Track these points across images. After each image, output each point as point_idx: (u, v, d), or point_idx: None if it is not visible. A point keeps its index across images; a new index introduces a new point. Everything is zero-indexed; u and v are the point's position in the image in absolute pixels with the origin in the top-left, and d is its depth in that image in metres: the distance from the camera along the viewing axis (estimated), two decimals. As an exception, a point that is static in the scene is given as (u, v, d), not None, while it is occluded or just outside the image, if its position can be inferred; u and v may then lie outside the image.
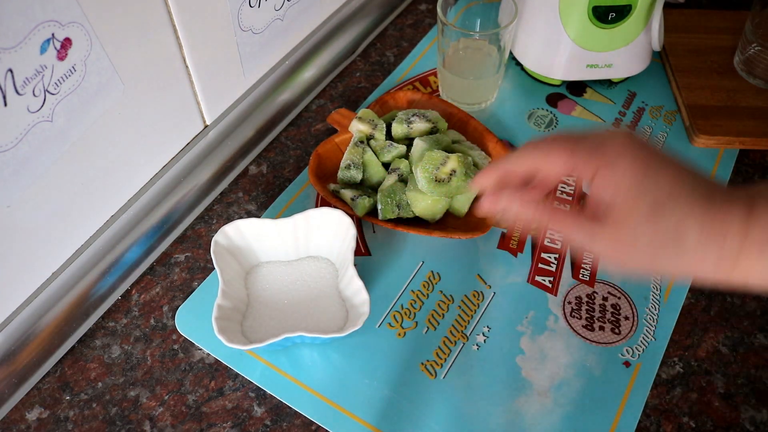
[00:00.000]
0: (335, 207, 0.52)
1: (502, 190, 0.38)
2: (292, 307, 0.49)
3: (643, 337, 0.49)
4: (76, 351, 0.50)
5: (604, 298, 0.51)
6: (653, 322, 0.50)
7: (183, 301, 0.52)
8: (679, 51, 0.68)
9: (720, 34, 0.69)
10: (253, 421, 0.46)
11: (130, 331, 0.51)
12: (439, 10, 0.58)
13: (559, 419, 0.46)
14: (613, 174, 0.34)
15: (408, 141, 0.58)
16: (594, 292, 0.52)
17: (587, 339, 0.49)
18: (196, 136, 0.58)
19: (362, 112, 0.59)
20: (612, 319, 0.50)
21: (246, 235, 0.50)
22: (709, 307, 0.51)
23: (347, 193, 0.54)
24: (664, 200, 0.33)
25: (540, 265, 0.53)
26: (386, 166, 0.56)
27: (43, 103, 0.40)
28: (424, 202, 0.52)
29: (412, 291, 0.52)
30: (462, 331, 0.50)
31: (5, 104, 0.38)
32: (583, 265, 0.53)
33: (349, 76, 0.69)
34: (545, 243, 0.54)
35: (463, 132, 0.60)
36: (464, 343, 0.49)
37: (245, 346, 0.44)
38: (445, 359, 0.48)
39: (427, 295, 0.52)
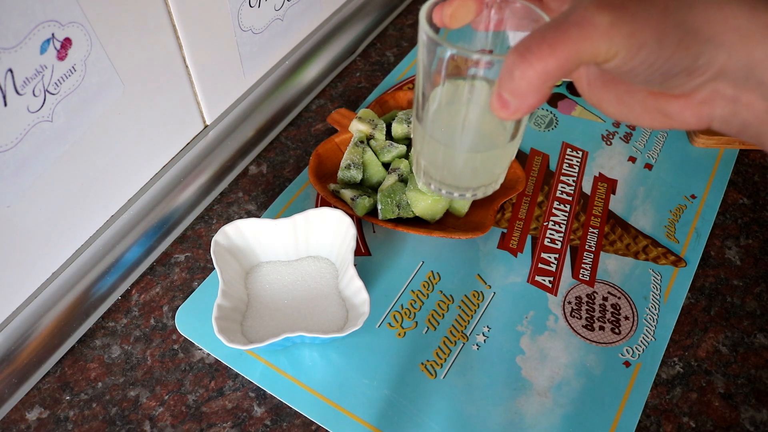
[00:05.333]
0: (335, 207, 0.52)
1: None
2: (292, 307, 0.49)
3: (643, 337, 0.49)
4: (76, 351, 0.50)
5: (604, 298, 0.51)
6: (653, 322, 0.50)
7: (183, 301, 0.52)
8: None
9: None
10: (253, 421, 0.46)
11: (130, 331, 0.51)
12: (423, 19, 0.30)
13: (559, 419, 0.46)
14: None
15: (408, 141, 0.58)
16: (594, 292, 0.52)
17: (587, 339, 0.49)
18: (196, 136, 0.58)
19: (362, 112, 0.59)
20: (612, 319, 0.50)
21: (246, 235, 0.50)
22: (709, 307, 0.51)
23: (347, 193, 0.54)
24: None
25: (540, 265, 0.53)
26: (386, 166, 0.56)
27: (43, 103, 0.40)
28: (424, 202, 0.52)
29: (412, 291, 0.52)
30: (462, 331, 0.50)
31: (5, 104, 0.38)
32: (583, 265, 0.53)
33: (349, 76, 0.69)
34: (545, 243, 0.55)
35: (463, 132, 0.60)
36: (464, 343, 0.49)
37: (245, 346, 0.44)
38: (445, 359, 0.48)
39: (427, 295, 0.52)
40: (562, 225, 0.56)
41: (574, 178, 0.59)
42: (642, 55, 0.24)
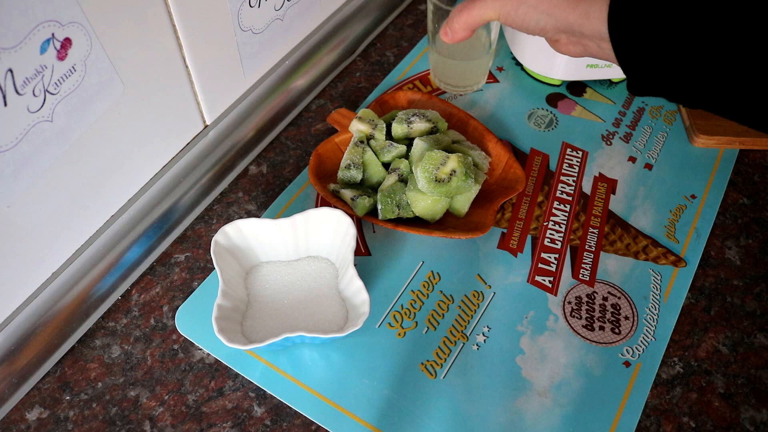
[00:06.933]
0: (335, 207, 0.52)
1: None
2: (292, 307, 0.49)
3: (643, 337, 0.49)
4: (76, 351, 0.50)
5: (604, 298, 0.51)
6: (653, 322, 0.50)
7: (183, 301, 0.52)
8: (679, 51, 0.68)
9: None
10: (253, 421, 0.46)
11: (130, 331, 0.51)
12: None
13: (559, 419, 0.46)
14: None
15: (408, 141, 0.58)
16: (594, 292, 0.52)
17: (587, 339, 0.49)
18: (196, 136, 0.58)
19: (362, 112, 0.59)
20: (612, 319, 0.50)
21: (246, 235, 0.50)
22: (709, 307, 0.51)
23: (347, 193, 0.54)
24: None
25: (540, 265, 0.53)
26: (386, 166, 0.56)
27: (43, 103, 0.40)
28: (424, 202, 0.52)
29: (412, 291, 0.52)
30: (462, 331, 0.50)
31: (5, 104, 0.38)
32: (583, 265, 0.53)
33: (349, 76, 0.69)
34: (545, 243, 0.55)
35: (463, 132, 0.60)
36: (464, 343, 0.49)
37: (245, 346, 0.44)
38: (445, 359, 0.48)
39: (427, 295, 0.52)
40: (562, 225, 0.56)
41: (574, 178, 0.59)
42: (510, 18, 0.43)
